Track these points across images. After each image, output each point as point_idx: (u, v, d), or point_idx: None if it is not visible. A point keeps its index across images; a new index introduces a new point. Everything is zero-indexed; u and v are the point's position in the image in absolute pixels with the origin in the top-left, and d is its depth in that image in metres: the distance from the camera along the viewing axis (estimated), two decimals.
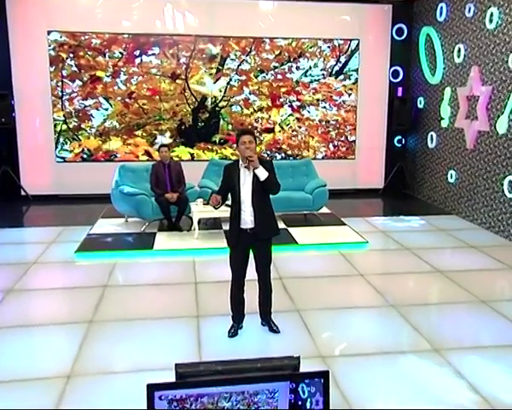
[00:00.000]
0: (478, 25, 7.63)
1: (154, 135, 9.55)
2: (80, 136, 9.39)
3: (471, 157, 7.93)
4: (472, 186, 7.92)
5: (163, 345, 4.03)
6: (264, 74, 9.72)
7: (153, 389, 1.77)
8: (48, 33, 8.96)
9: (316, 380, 1.86)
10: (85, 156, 9.44)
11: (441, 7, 8.67)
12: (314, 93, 9.90)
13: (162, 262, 6.07)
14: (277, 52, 9.68)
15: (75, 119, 9.32)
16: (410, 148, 10.19)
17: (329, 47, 9.80)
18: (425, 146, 9.48)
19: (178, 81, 9.48)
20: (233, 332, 4.16)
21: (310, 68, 9.81)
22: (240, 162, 4.00)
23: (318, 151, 10.08)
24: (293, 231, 7.02)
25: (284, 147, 9.98)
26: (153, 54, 9.35)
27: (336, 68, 9.89)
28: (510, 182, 6.91)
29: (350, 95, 9.99)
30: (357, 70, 9.91)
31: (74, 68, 9.17)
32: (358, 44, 9.83)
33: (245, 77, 9.67)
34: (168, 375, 2.04)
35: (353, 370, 3.69)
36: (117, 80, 9.31)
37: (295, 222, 7.45)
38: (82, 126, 9.36)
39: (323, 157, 10.07)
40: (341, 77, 9.92)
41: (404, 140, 10.32)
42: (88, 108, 9.31)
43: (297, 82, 9.82)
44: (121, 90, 9.35)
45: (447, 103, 8.58)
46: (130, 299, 4.98)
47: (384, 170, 10.29)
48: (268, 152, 9.89)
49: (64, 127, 9.32)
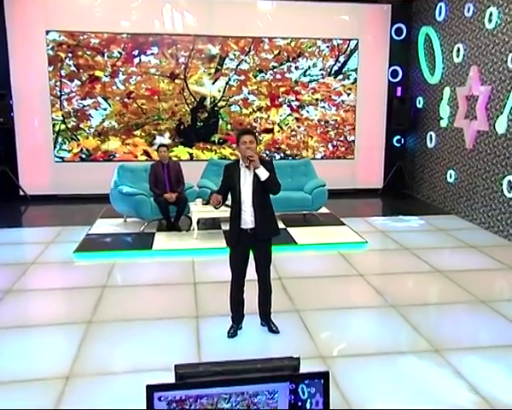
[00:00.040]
0: (477, 24, 7.62)
1: (153, 135, 9.54)
2: (79, 136, 9.37)
3: (470, 157, 7.93)
4: (471, 186, 7.91)
5: (162, 345, 4.02)
6: (263, 74, 9.71)
7: (152, 390, 1.76)
8: (46, 33, 8.94)
9: (316, 381, 1.85)
10: (84, 156, 9.43)
11: (440, 6, 8.67)
12: (313, 93, 9.89)
13: (161, 262, 6.05)
14: (276, 52, 9.67)
15: (74, 118, 9.30)
16: (410, 147, 10.18)
17: (328, 47, 9.79)
18: (424, 146, 9.48)
19: (177, 81, 9.47)
20: (232, 333, 4.15)
21: (309, 68, 9.81)
22: (240, 162, 3.98)
23: (317, 151, 10.07)
24: (292, 231, 7.01)
25: (283, 147, 9.97)
26: (152, 54, 9.33)
27: (335, 68, 9.88)
28: (509, 182, 6.91)
29: (349, 95, 9.98)
30: (356, 70, 9.91)
31: (73, 68, 9.15)
32: (357, 44, 9.83)
33: (244, 77, 9.66)
34: (167, 376, 2.02)
35: (353, 370, 3.68)
36: (116, 80, 9.29)
37: (294, 222, 7.45)
38: (80, 126, 9.34)
39: (322, 157, 10.07)
40: (340, 77, 9.92)
41: (404, 140, 10.32)
42: (86, 108, 9.29)
43: (296, 82, 9.81)
44: (120, 89, 9.33)
45: (446, 103, 8.58)
46: (129, 299, 4.97)
47: (383, 170, 10.29)
48: (267, 152, 9.88)
49: (63, 127, 9.30)
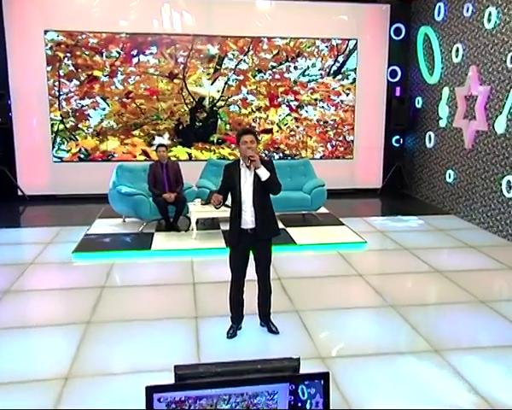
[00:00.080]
0: (476, 24, 7.62)
1: (152, 135, 9.52)
2: (77, 136, 9.35)
3: (469, 157, 7.93)
4: (470, 186, 7.91)
5: (161, 346, 4.00)
6: (261, 74, 9.70)
7: (152, 391, 1.75)
8: (45, 32, 8.92)
9: (316, 382, 1.84)
10: (82, 156, 9.41)
11: (439, 6, 8.67)
12: (312, 93, 9.88)
13: (160, 263, 6.04)
14: (275, 52, 9.66)
15: (72, 118, 9.28)
16: (408, 147, 10.18)
17: (327, 47, 9.78)
18: (423, 146, 9.48)
19: (176, 81, 9.45)
20: (232, 333, 4.14)
21: (308, 68, 9.80)
22: (240, 162, 3.97)
23: (316, 151, 10.07)
24: (291, 231, 7.00)
25: (282, 147, 9.97)
26: (150, 53, 9.31)
27: (334, 68, 9.87)
28: (508, 182, 6.91)
29: (348, 94, 9.98)
30: (355, 70, 9.90)
31: (71, 68, 9.13)
32: (356, 44, 9.82)
33: (243, 77, 9.65)
34: (167, 376, 2.02)
35: (353, 370, 3.67)
36: (114, 80, 9.27)
37: (293, 222, 7.44)
38: (79, 126, 9.32)
39: (321, 157, 10.06)
40: (339, 77, 9.91)
41: (402, 140, 10.31)
42: (85, 108, 9.27)
43: (295, 82, 9.80)
44: (118, 89, 9.31)
45: (445, 103, 8.58)
46: (128, 300, 4.95)
47: (382, 170, 10.28)
48: (266, 152, 9.87)
49: (61, 127, 9.28)
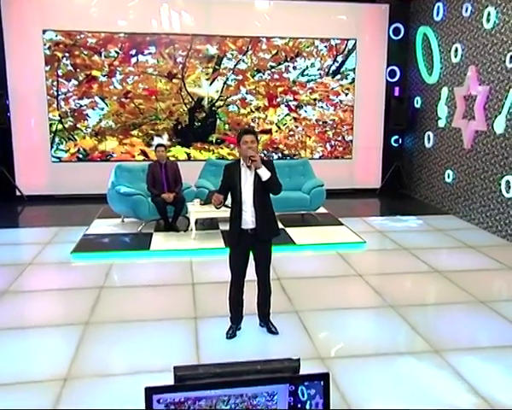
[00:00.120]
0: (475, 24, 7.62)
1: (151, 135, 9.51)
2: (76, 136, 9.33)
3: (468, 157, 7.92)
4: (469, 186, 7.91)
5: (160, 347, 3.99)
6: (260, 74, 9.68)
7: (151, 393, 1.73)
8: (43, 32, 8.90)
9: (315, 382, 1.83)
10: (81, 156, 9.39)
11: (438, 6, 8.66)
12: (311, 93, 9.87)
13: (159, 263, 6.03)
14: (274, 52, 9.65)
15: (71, 118, 9.26)
16: (407, 147, 10.18)
17: (326, 47, 9.77)
18: (422, 146, 9.48)
19: (175, 81, 9.44)
20: (231, 334, 4.13)
21: (307, 68, 9.79)
22: (241, 162, 3.96)
23: (315, 151, 10.06)
24: (290, 232, 6.99)
25: (281, 147, 9.96)
26: (149, 53, 9.30)
27: (333, 68, 9.87)
28: (507, 182, 6.90)
29: (347, 94, 9.97)
30: (354, 70, 9.89)
31: (70, 68, 9.11)
32: (355, 44, 9.82)
33: (242, 76, 9.64)
34: (166, 377, 2.00)
35: (352, 371, 3.66)
36: (113, 80, 9.25)
37: (293, 222, 7.42)
38: (78, 126, 9.30)
39: (320, 157, 10.05)
40: (338, 76, 9.90)
41: (401, 140, 10.31)
42: (84, 108, 9.26)
43: (294, 82, 9.79)
44: (117, 89, 9.30)
45: (444, 103, 8.58)
46: (126, 300, 4.94)
47: (381, 170, 10.28)
48: (265, 152, 9.86)
49: (59, 127, 9.25)
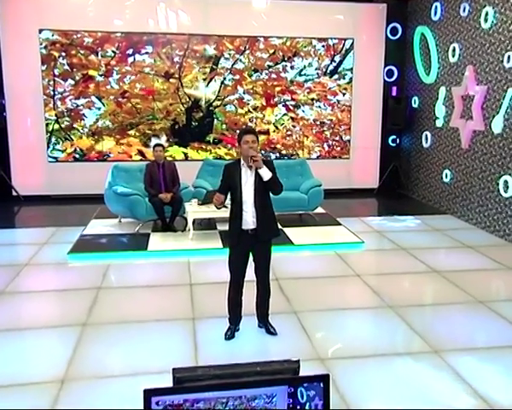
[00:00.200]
0: (473, 24, 7.62)
1: (148, 135, 9.47)
2: (72, 135, 9.29)
3: (466, 157, 7.92)
4: (467, 186, 7.91)
5: (159, 348, 3.96)
6: (258, 73, 9.66)
7: (150, 395, 1.71)
8: (39, 32, 8.85)
9: (315, 384, 1.82)
10: (78, 156, 9.35)
11: (436, 6, 8.66)
12: (308, 92, 9.86)
13: (156, 263, 6.00)
14: (271, 51, 9.63)
15: (67, 118, 9.22)
16: (405, 147, 10.17)
17: (324, 46, 9.76)
18: (420, 146, 9.47)
19: (172, 80, 9.41)
20: (230, 335, 4.10)
21: (304, 68, 9.78)
22: (241, 162, 3.94)
23: (313, 151, 10.05)
24: (288, 232, 6.97)
25: (279, 147, 9.94)
26: (146, 53, 9.26)
27: (331, 68, 9.86)
28: (505, 181, 6.90)
29: (344, 94, 9.96)
30: (351, 69, 9.88)
31: (66, 67, 9.07)
32: (353, 44, 9.81)
33: (239, 76, 9.61)
34: (164, 378, 1.99)
35: (352, 372, 3.65)
36: (110, 79, 9.22)
37: (290, 222, 7.40)
38: (74, 126, 9.26)
39: (318, 157, 10.04)
40: (336, 76, 9.89)
41: (399, 140, 10.31)
42: (80, 108, 9.21)
43: (291, 81, 9.77)
44: (114, 89, 9.26)
45: (442, 103, 8.57)
46: (124, 301, 4.91)
47: (379, 170, 10.27)
48: (262, 152, 9.84)
49: (56, 127, 9.21)
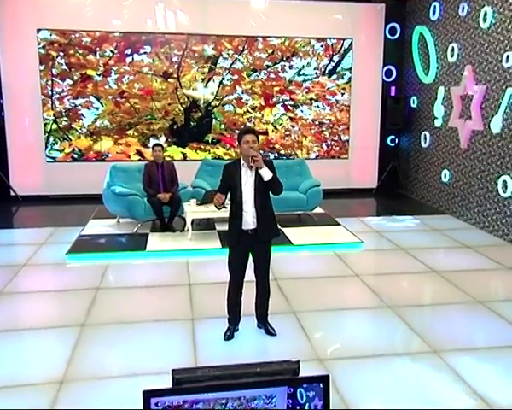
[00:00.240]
0: (472, 24, 7.62)
1: (146, 135, 9.46)
2: (71, 135, 9.27)
3: (465, 157, 7.92)
4: (466, 186, 7.91)
5: (157, 349, 3.95)
6: (256, 73, 9.65)
7: (149, 396, 1.70)
8: (37, 31, 8.83)
9: (314, 385, 1.81)
10: (76, 156, 9.33)
11: (434, 6, 8.66)
12: (307, 92, 9.85)
13: (155, 263, 5.98)
14: (270, 51, 9.62)
15: (65, 118, 9.20)
16: (404, 147, 10.17)
17: (322, 46, 9.75)
18: (418, 145, 9.47)
19: (170, 80, 9.39)
20: (229, 335, 4.09)
21: (303, 67, 9.77)
22: (241, 162, 3.93)
23: (311, 151, 10.04)
24: (287, 232, 6.95)
25: (277, 146, 9.93)
26: (144, 53, 9.25)
27: (329, 67, 9.85)
28: (504, 181, 6.90)
29: (343, 94, 9.96)
30: (350, 69, 9.88)
31: (64, 67, 9.05)
32: (351, 43, 9.80)
33: (237, 76, 9.60)
34: (163, 379, 1.97)
35: (351, 372, 3.64)
36: (108, 79, 9.20)
37: (289, 222, 7.39)
38: (72, 126, 9.24)
39: (317, 157, 10.03)
40: (334, 76, 9.89)
41: (398, 139, 10.31)
42: (78, 108, 9.19)
43: (290, 81, 9.77)
44: (112, 89, 9.24)
45: (441, 103, 8.57)
46: (123, 301, 4.90)
47: (377, 170, 10.27)
48: (261, 152, 9.82)
49: (54, 127, 9.19)
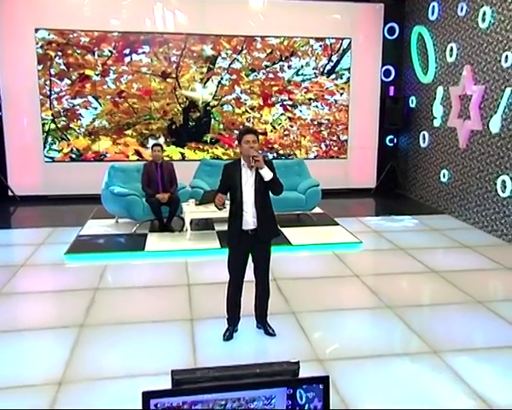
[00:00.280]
0: (470, 24, 7.62)
1: (145, 135, 9.44)
2: (69, 135, 9.25)
3: (464, 156, 7.92)
4: (465, 186, 7.91)
5: (156, 349, 3.94)
6: (255, 73, 9.64)
7: (148, 397, 1.69)
8: (35, 31, 8.81)
9: (314, 385, 1.80)
10: (74, 156, 9.30)
11: (433, 6, 8.66)
12: (306, 92, 9.84)
13: (154, 264, 5.97)
14: (269, 51, 9.61)
15: (64, 118, 9.18)
16: (402, 147, 10.17)
17: (321, 46, 9.75)
18: (417, 145, 9.47)
19: (169, 80, 9.38)
20: (228, 336, 4.08)
21: (301, 67, 9.76)
22: (241, 162, 3.92)
23: (310, 151, 10.03)
24: (286, 232, 6.93)
25: (276, 146, 9.92)
26: (143, 52, 9.23)
27: (328, 67, 9.84)
28: (503, 181, 6.90)
29: (342, 94, 9.95)
30: (348, 69, 9.88)
31: (63, 67, 9.03)
32: (350, 43, 9.80)
33: (236, 76, 9.59)
34: (162, 380, 1.96)
35: (350, 373, 3.63)
36: (106, 79, 9.18)
37: (288, 222, 7.37)
38: (71, 126, 9.22)
39: (315, 157, 10.03)
40: (333, 76, 9.88)
41: (396, 139, 10.30)
42: (77, 107, 9.17)
43: (289, 81, 9.76)
44: (111, 88, 9.22)
45: (439, 102, 8.57)
46: (121, 302, 4.88)
47: (376, 169, 10.27)
48: (260, 152, 9.80)
49: (52, 127, 9.17)
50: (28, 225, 7.58)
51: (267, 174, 3.84)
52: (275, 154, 9.87)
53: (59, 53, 8.96)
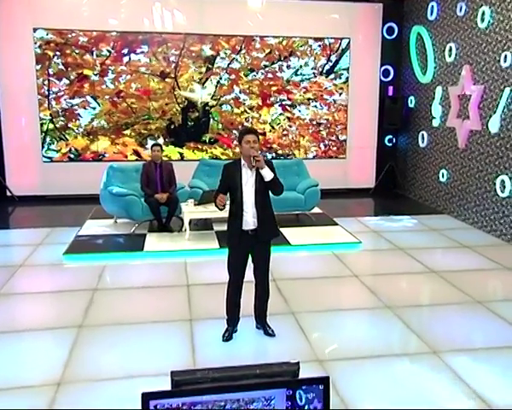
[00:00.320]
0: (469, 24, 7.62)
1: (143, 135, 9.43)
2: (67, 135, 9.23)
3: (463, 156, 7.92)
4: (464, 186, 7.91)
5: (156, 350, 3.93)
6: (254, 73, 9.64)
7: (148, 398, 1.69)
8: (34, 31, 8.79)
9: (314, 386, 1.80)
10: (73, 156, 9.29)
11: (432, 6, 8.66)
12: (305, 92, 9.84)
13: (153, 264, 5.96)
14: (268, 51, 9.60)
15: (62, 118, 9.16)
16: (401, 147, 10.17)
17: (320, 46, 9.74)
18: (416, 145, 9.47)
19: (167, 80, 9.36)
20: (227, 336, 4.07)
21: (300, 67, 9.76)
22: (242, 162, 3.91)
23: (309, 151, 10.03)
24: (285, 232, 6.92)
25: (275, 146, 9.91)
26: (141, 52, 9.22)
27: (327, 67, 9.84)
28: (502, 181, 6.90)
29: (341, 94, 9.95)
30: (347, 69, 9.87)
31: (61, 66, 9.01)
32: (349, 43, 9.80)
33: (235, 76, 9.58)
34: (162, 381, 1.96)
35: (350, 373, 3.62)
36: (105, 79, 9.16)
37: (287, 222, 7.36)
38: (69, 126, 9.20)
39: (314, 157, 10.02)
40: (332, 76, 9.88)
41: (395, 139, 10.30)
42: (75, 107, 9.16)
43: (287, 81, 9.75)
44: (109, 88, 9.21)
45: (438, 102, 8.57)
46: (120, 302, 4.87)
47: (375, 169, 10.27)
48: (259, 152, 9.80)
49: (51, 126, 9.15)
50: (26, 226, 7.56)
51: (268, 174, 3.84)
52: (274, 154, 9.86)
53: (57, 53, 8.94)
